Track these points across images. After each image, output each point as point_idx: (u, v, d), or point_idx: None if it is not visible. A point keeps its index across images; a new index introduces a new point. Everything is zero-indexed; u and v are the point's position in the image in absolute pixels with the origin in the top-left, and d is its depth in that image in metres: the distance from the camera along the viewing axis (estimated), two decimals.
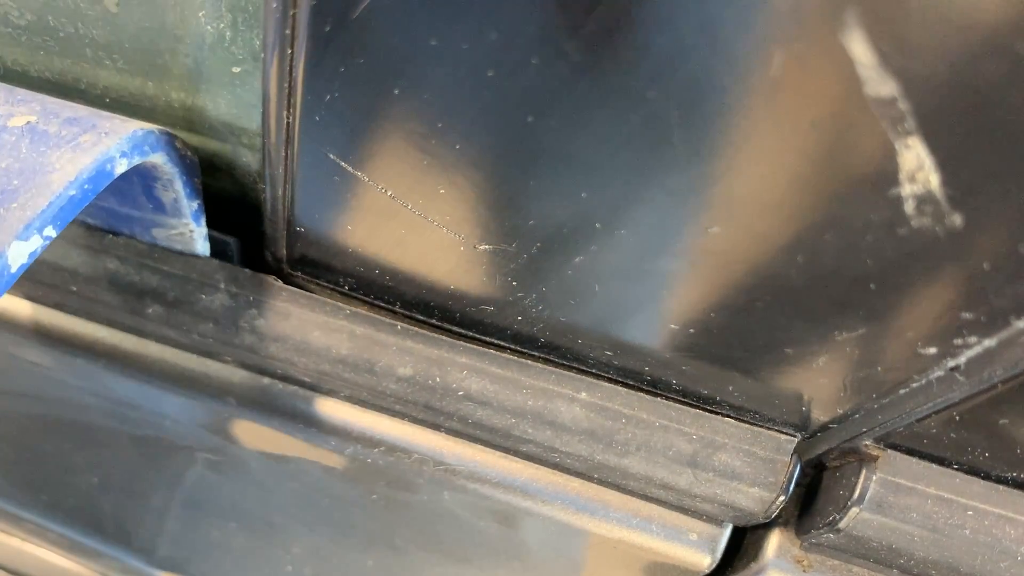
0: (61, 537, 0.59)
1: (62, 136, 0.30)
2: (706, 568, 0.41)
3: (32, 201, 0.28)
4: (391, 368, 0.39)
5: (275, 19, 0.27)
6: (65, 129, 0.31)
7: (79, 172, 0.29)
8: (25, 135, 0.30)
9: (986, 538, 0.34)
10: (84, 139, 0.30)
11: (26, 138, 0.30)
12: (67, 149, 0.30)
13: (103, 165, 0.30)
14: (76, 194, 0.29)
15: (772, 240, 0.27)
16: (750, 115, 0.24)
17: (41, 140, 0.30)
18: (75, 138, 0.30)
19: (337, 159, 0.31)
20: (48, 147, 0.30)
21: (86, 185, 0.29)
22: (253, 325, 0.39)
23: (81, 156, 0.29)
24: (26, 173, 0.29)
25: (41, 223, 0.28)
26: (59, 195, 0.28)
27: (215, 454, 0.47)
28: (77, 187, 0.29)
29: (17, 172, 0.29)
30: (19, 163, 0.29)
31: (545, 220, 0.30)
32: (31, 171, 0.29)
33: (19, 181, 0.28)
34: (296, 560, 0.52)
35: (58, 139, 0.30)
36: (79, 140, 0.30)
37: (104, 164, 0.30)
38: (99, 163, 0.30)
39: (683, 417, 0.37)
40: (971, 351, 0.28)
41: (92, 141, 0.30)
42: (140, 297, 0.40)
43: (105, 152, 0.30)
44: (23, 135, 0.30)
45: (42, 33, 0.35)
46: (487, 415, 0.38)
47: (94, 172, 0.29)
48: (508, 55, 0.25)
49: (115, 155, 0.30)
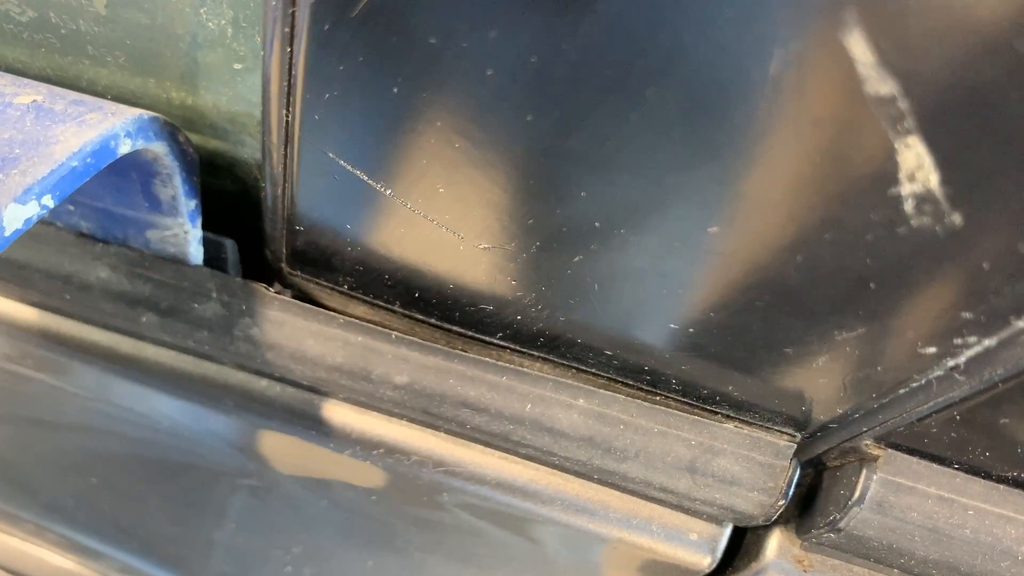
0: (61, 537, 0.59)
1: (68, 113, 0.30)
2: (706, 568, 0.41)
3: (33, 168, 0.28)
4: (387, 376, 0.39)
5: (274, 17, 0.27)
6: (71, 108, 0.31)
7: (83, 144, 0.29)
8: (31, 111, 0.30)
9: (986, 538, 0.34)
10: (90, 117, 0.30)
11: (31, 113, 0.30)
12: (72, 124, 0.30)
13: (107, 141, 0.30)
14: (78, 165, 0.29)
15: (772, 240, 0.27)
16: (750, 114, 0.24)
17: (47, 116, 0.30)
18: (81, 116, 0.30)
19: (337, 158, 0.31)
20: (53, 122, 0.30)
21: (88, 159, 0.29)
22: (247, 334, 0.39)
23: (86, 131, 0.30)
24: (29, 143, 0.29)
25: (41, 190, 0.28)
26: (61, 164, 0.28)
27: (214, 455, 0.47)
28: (79, 159, 0.29)
29: (20, 143, 0.29)
30: (22, 135, 0.29)
31: (545, 219, 0.30)
32: (34, 142, 0.29)
33: (21, 150, 0.28)
34: (296, 560, 0.52)
35: (64, 116, 0.30)
36: (85, 117, 0.30)
37: (108, 140, 0.30)
38: (104, 138, 0.30)
39: (681, 423, 0.37)
40: (971, 351, 0.28)
41: (98, 119, 0.30)
42: (133, 306, 0.40)
43: (110, 128, 0.30)
44: (28, 111, 0.30)
45: (43, 30, 0.35)
46: (485, 421, 0.39)
47: (98, 146, 0.29)
48: (507, 54, 0.25)
49: (120, 133, 0.30)
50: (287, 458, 0.45)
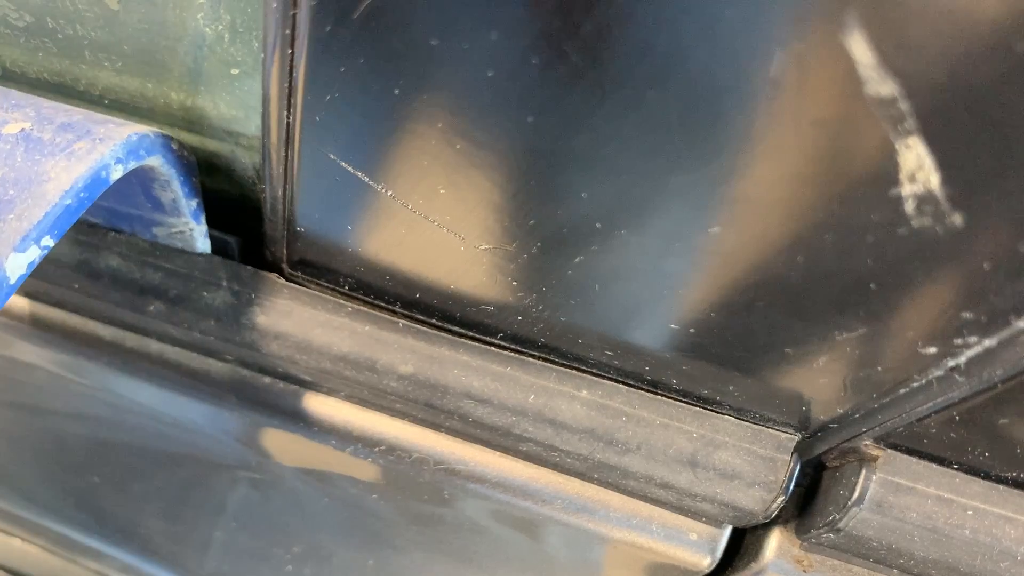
0: (61, 537, 0.59)
1: (56, 144, 0.30)
2: (706, 568, 0.41)
3: (28, 212, 0.28)
4: (392, 366, 0.39)
5: (276, 19, 0.27)
6: (59, 136, 0.31)
7: (74, 181, 0.29)
8: (20, 143, 0.30)
9: (986, 538, 0.34)
10: (78, 146, 0.30)
11: (20, 146, 0.30)
12: (62, 157, 0.30)
13: (98, 173, 0.30)
14: (72, 203, 0.29)
15: (772, 240, 0.27)
16: (750, 115, 0.24)
17: (36, 148, 0.30)
18: (69, 145, 0.30)
19: (337, 159, 0.31)
20: (43, 155, 0.30)
21: (82, 194, 0.29)
22: (255, 322, 0.39)
23: (76, 164, 0.29)
24: (21, 183, 0.29)
25: (38, 234, 0.28)
26: (55, 205, 0.28)
27: (215, 453, 0.47)
28: (73, 196, 0.29)
29: (12, 182, 0.29)
30: (14, 172, 0.29)
31: (545, 220, 0.30)
32: (26, 180, 0.29)
33: (15, 191, 0.28)
34: (297, 559, 0.52)
35: (52, 147, 0.30)
36: (73, 147, 0.30)
37: (99, 172, 0.30)
38: (94, 171, 0.30)
39: (683, 415, 0.37)
40: (971, 351, 0.28)
41: (87, 148, 0.30)
42: (142, 294, 0.40)
43: (100, 160, 0.30)
44: (18, 143, 0.30)
45: (41, 34, 0.35)
46: (487, 413, 0.38)
47: (89, 180, 0.29)
48: (508, 55, 0.25)
49: (110, 162, 0.30)
50: (289, 456, 0.45)
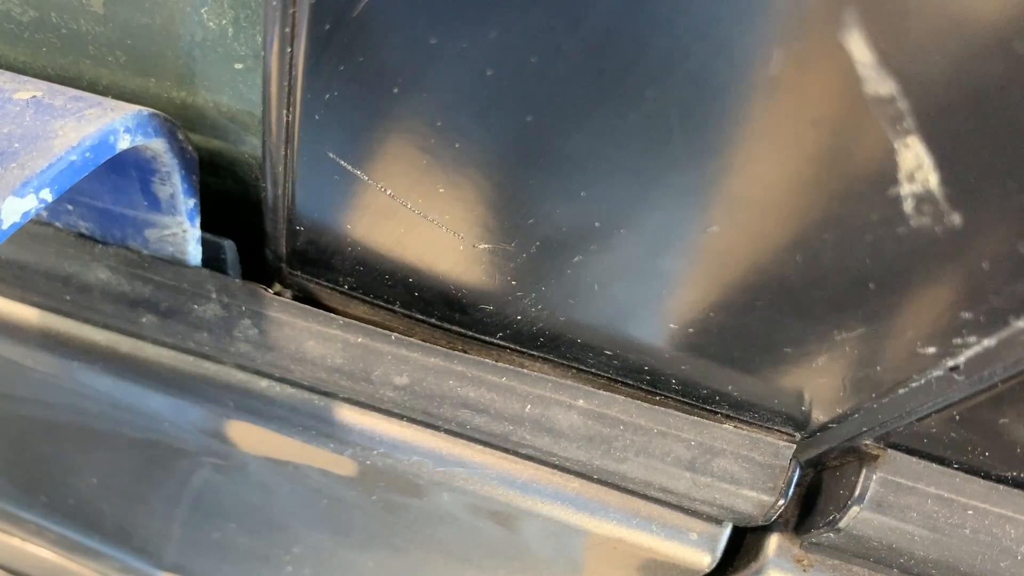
0: (61, 537, 0.59)
1: (67, 108, 0.30)
2: (706, 567, 0.41)
3: (32, 162, 0.28)
4: (387, 377, 0.39)
5: (275, 17, 0.27)
6: (71, 104, 0.31)
7: (82, 139, 0.29)
8: (30, 106, 0.30)
9: (986, 537, 0.34)
10: (89, 112, 0.30)
11: (31, 109, 0.30)
12: (71, 119, 0.30)
13: (106, 136, 0.30)
14: (76, 160, 0.29)
15: (771, 240, 0.27)
16: (749, 114, 0.24)
17: (46, 111, 0.30)
18: (80, 111, 0.30)
19: (337, 158, 0.31)
20: (52, 117, 0.30)
21: (87, 153, 0.29)
22: (247, 335, 0.39)
23: (85, 125, 0.30)
24: (28, 138, 0.29)
25: (39, 183, 0.28)
26: (60, 158, 0.28)
27: (215, 456, 0.47)
28: (78, 153, 0.29)
29: (19, 137, 0.29)
30: (21, 129, 0.29)
31: (544, 219, 0.30)
32: (33, 136, 0.29)
33: (20, 144, 0.28)
34: (296, 560, 0.52)
35: (63, 111, 0.30)
36: (84, 113, 0.30)
37: (108, 135, 0.30)
38: (103, 133, 0.30)
39: (681, 423, 0.37)
40: (970, 351, 0.28)
41: (97, 115, 0.30)
42: (133, 307, 0.40)
43: (110, 124, 0.30)
44: (28, 106, 0.30)
45: (44, 30, 0.35)
46: (485, 422, 0.39)
47: (97, 141, 0.29)
48: (507, 54, 0.25)
49: (119, 128, 0.30)
50: (287, 458, 0.45)
